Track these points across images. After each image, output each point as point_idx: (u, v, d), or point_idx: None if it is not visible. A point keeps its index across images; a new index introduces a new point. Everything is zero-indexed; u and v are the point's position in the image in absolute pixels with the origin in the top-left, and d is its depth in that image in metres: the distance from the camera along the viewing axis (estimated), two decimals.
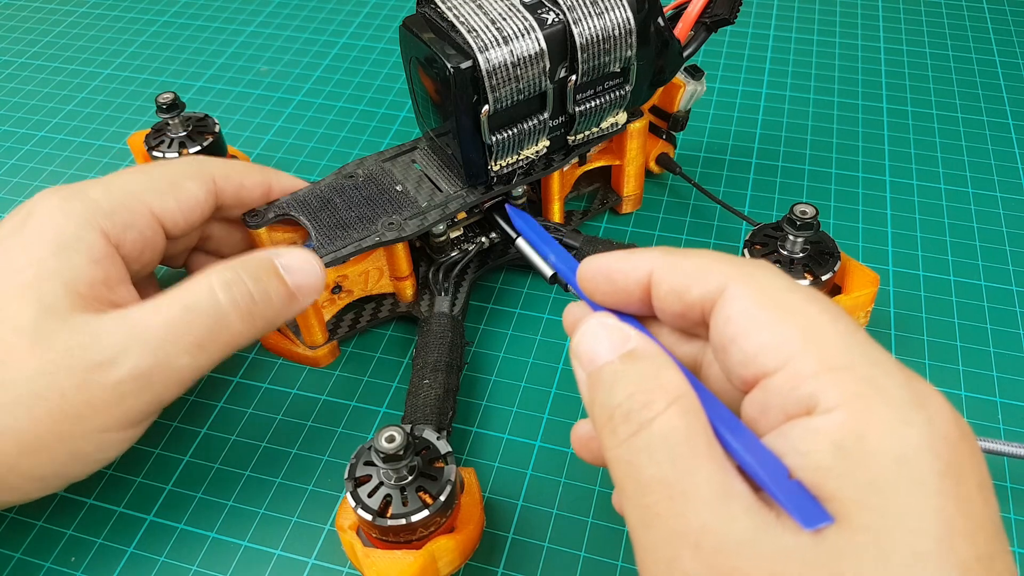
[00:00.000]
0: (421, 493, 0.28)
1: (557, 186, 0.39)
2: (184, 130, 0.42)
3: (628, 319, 0.23)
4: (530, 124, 0.35)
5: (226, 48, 0.58)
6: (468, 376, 0.37)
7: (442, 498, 0.28)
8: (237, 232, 0.37)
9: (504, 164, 0.36)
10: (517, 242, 0.35)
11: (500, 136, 0.34)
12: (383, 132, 0.51)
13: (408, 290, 0.38)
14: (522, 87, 0.33)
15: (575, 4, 0.33)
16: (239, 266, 0.29)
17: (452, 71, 0.31)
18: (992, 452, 0.31)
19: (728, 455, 0.19)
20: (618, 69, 0.35)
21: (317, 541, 0.32)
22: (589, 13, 0.33)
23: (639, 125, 0.39)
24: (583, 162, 0.41)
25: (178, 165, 0.33)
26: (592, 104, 0.35)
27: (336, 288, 0.38)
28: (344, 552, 0.31)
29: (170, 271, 0.42)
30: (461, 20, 0.32)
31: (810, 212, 0.34)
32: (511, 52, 0.32)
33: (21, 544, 0.32)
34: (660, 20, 0.35)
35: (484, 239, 0.39)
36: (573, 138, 0.37)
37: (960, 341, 0.37)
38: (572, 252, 0.39)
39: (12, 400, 0.26)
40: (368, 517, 0.27)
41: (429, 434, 0.30)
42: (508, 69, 0.32)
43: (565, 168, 0.39)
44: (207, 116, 0.43)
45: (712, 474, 0.18)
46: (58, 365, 0.26)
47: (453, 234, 0.38)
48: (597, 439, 0.22)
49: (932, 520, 0.17)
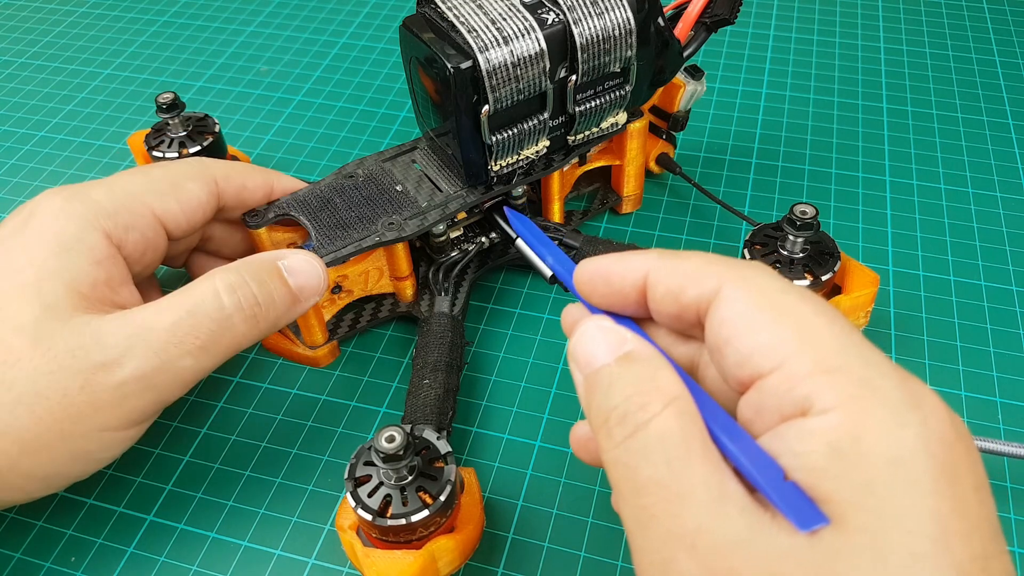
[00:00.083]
0: (421, 493, 0.28)
1: (557, 186, 0.39)
2: (184, 130, 0.42)
3: (625, 321, 0.23)
4: (530, 124, 0.35)
5: (226, 48, 0.58)
6: (468, 376, 0.37)
7: (442, 498, 0.28)
8: (238, 233, 0.37)
9: (504, 164, 0.36)
10: (517, 242, 0.35)
11: (500, 136, 0.34)
12: (383, 132, 0.51)
13: (408, 290, 0.38)
14: (522, 87, 0.33)
15: (575, 4, 0.33)
16: (243, 268, 0.29)
17: (452, 71, 0.31)
18: (992, 452, 0.31)
19: (724, 456, 0.19)
20: (618, 69, 0.35)
21: (317, 541, 0.32)
22: (589, 13, 0.33)
23: (639, 125, 0.39)
24: (583, 162, 0.41)
25: (180, 166, 0.33)
26: (592, 104, 0.35)
27: (336, 288, 0.38)
28: (344, 552, 0.31)
29: (170, 271, 0.42)
30: (461, 20, 0.32)
31: (810, 212, 0.34)
32: (511, 52, 0.32)
33: (21, 544, 0.32)
34: (660, 20, 0.35)
35: (484, 239, 0.39)
36: (573, 138, 0.37)
37: (960, 341, 0.37)
38: (572, 252, 0.39)
39: (13, 399, 0.26)
40: (368, 517, 0.27)
41: (429, 434, 0.30)
42: (508, 69, 0.32)
43: (565, 168, 0.39)
44: (207, 116, 0.43)
45: (708, 476, 0.18)
46: (60, 365, 0.26)
47: (453, 234, 0.38)
48: (595, 440, 0.22)
49: (928, 521, 0.17)
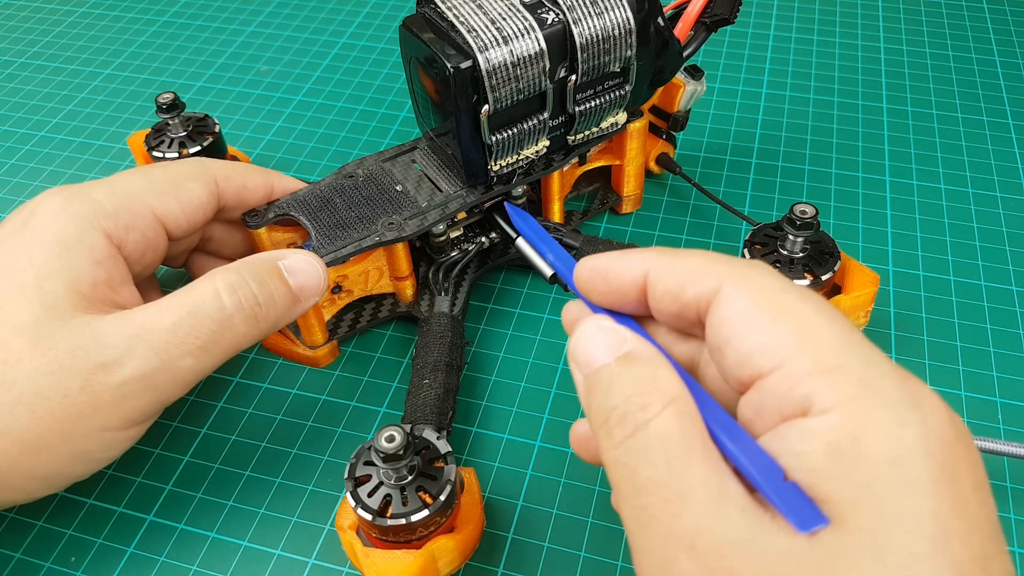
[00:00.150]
0: (421, 493, 0.28)
1: (557, 186, 0.39)
2: (184, 130, 0.42)
3: (625, 319, 0.23)
4: (530, 124, 0.35)
5: (226, 48, 0.58)
6: (468, 376, 0.37)
7: (442, 498, 0.28)
8: (238, 233, 0.37)
9: (504, 164, 0.36)
10: (517, 242, 0.35)
11: (500, 136, 0.34)
12: (383, 132, 0.51)
13: (408, 290, 0.38)
14: (522, 87, 0.33)
15: (575, 4, 0.33)
16: (243, 269, 0.29)
17: (452, 71, 0.31)
18: (992, 452, 0.31)
19: (724, 456, 0.19)
20: (618, 69, 0.35)
21: (317, 541, 0.32)
22: (589, 13, 0.33)
23: (639, 125, 0.39)
24: (583, 162, 0.41)
25: (180, 166, 0.33)
26: (592, 104, 0.35)
27: (336, 288, 0.38)
28: (344, 552, 0.31)
29: (170, 271, 0.42)
30: (461, 20, 0.32)
31: (810, 212, 0.34)
32: (511, 52, 0.32)
33: (21, 544, 0.32)
34: (660, 20, 0.35)
35: (484, 239, 0.39)
36: (573, 138, 0.37)
37: (960, 341, 0.37)
38: (572, 252, 0.39)
39: (14, 399, 0.26)
40: (368, 517, 0.27)
41: (429, 434, 0.30)
42: (508, 69, 0.32)
43: (565, 168, 0.39)
44: (207, 116, 0.43)
45: (707, 476, 0.18)
46: (60, 365, 0.26)
47: (453, 234, 0.38)
48: (595, 439, 0.22)
49: (927, 521, 0.17)
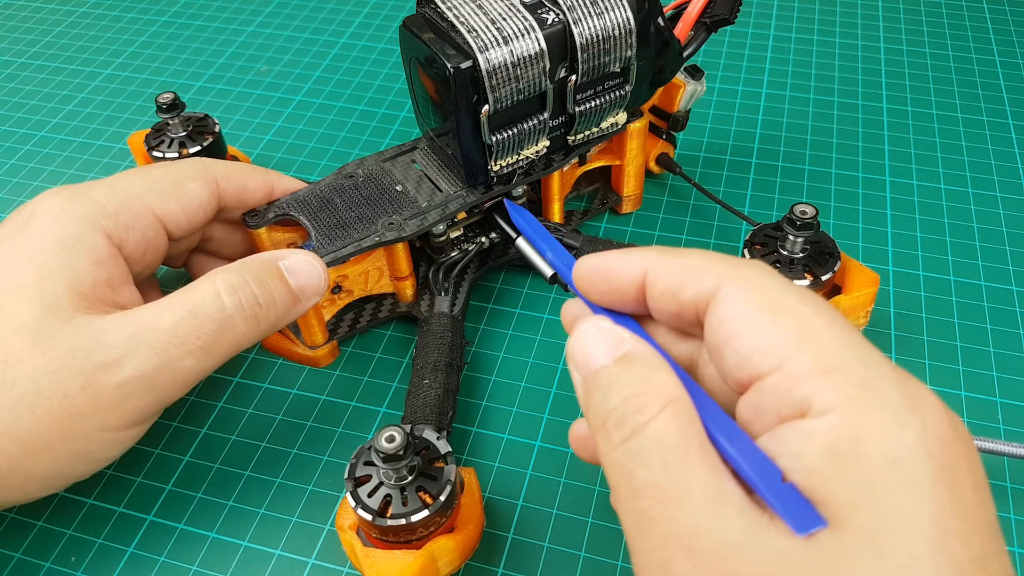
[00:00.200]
0: (421, 493, 0.28)
1: (557, 186, 0.39)
2: (184, 130, 0.42)
3: (624, 319, 0.23)
4: (530, 124, 0.35)
5: (226, 48, 0.58)
6: (468, 376, 0.37)
7: (442, 498, 0.28)
8: (238, 233, 0.37)
9: (504, 164, 0.36)
10: (517, 242, 0.35)
11: (500, 136, 0.34)
12: (383, 132, 0.51)
13: (408, 290, 0.38)
14: (522, 87, 0.33)
15: (575, 4, 0.33)
16: (243, 269, 0.29)
17: (452, 71, 0.31)
18: (992, 452, 0.31)
19: (723, 458, 0.19)
20: (618, 69, 0.35)
21: (317, 541, 0.32)
22: (589, 13, 0.33)
23: (639, 125, 0.39)
24: (583, 162, 0.41)
25: (181, 167, 0.33)
26: (592, 104, 0.35)
27: (336, 288, 0.38)
28: (344, 552, 0.31)
29: (170, 271, 0.42)
30: (461, 20, 0.32)
31: (810, 212, 0.34)
32: (511, 52, 0.32)
33: (21, 544, 0.32)
34: (660, 20, 0.35)
35: (484, 239, 0.39)
36: (573, 138, 0.37)
37: (960, 341, 0.37)
38: (572, 252, 0.39)
39: (14, 399, 0.26)
40: (368, 517, 0.27)
41: (429, 434, 0.30)
42: (508, 69, 0.32)
43: (565, 168, 0.39)
44: (207, 116, 0.43)
45: (705, 477, 0.18)
46: (61, 365, 0.26)
47: (453, 234, 0.38)
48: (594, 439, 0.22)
49: (926, 522, 0.17)
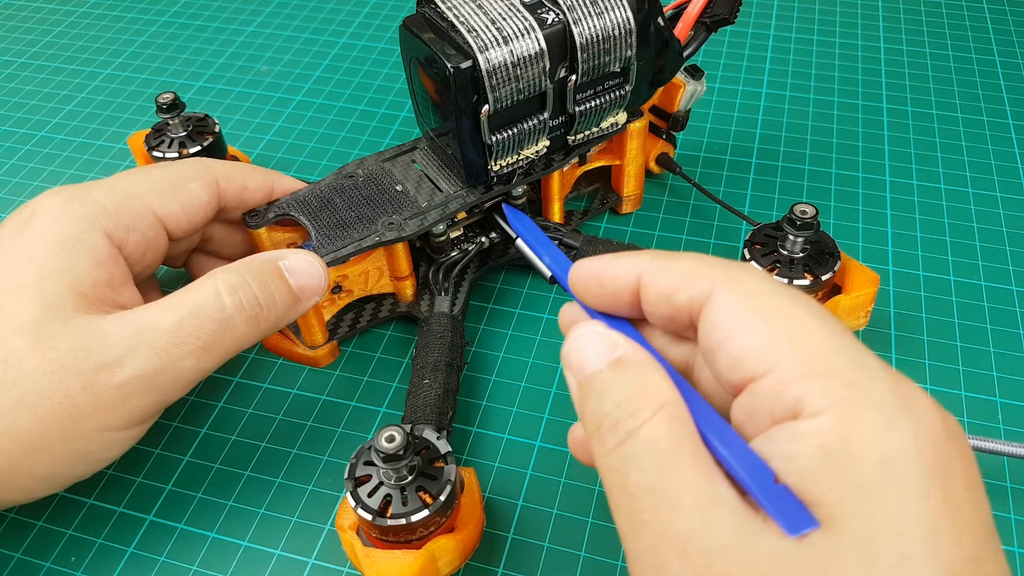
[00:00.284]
0: (421, 493, 0.28)
1: (557, 186, 0.39)
2: (184, 130, 0.42)
3: (620, 323, 0.23)
4: (530, 124, 0.35)
5: (226, 48, 0.58)
6: (468, 376, 0.37)
7: (442, 498, 0.28)
8: (238, 233, 0.37)
9: (504, 164, 0.36)
10: (517, 242, 0.35)
11: (500, 136, 0.34)
12: (383, 132, 0.51)
13: (408, 290, 0.38)
14: (522, 87, 0.33)
15: (575, 4, 0.33)
16: (244, 269, 0.29)
17: (452, 71, 0.31)
18: (992, 452, 0.31)
19: (716, 460, 0.19)
20: (618, 69, 0.35)
21: (317, 541, 0.32)
22: (589, 13, 0.33)
23: (639, 125, 0.39)
24: (583, 162, 0.41)
25: (181, 167, 0.33)
26: (592, 104, 0.35)
27: (336, 288, 0.38)
28: (344, 552, 0.31)
29: (171, 271, 0.42)
30: (461, 20, 0.32)
31: (810, 212, 0.34)
32: (511, 52, 0.32)
33: (21, 544, 0.32)
34: (660, 20, 0.35)
35: (484, 239, 0.39)
36: (573, 138, 0.37)
37: (960, 341, 0.37)
38: (572, 252, 0.39)
39: (15, 399, 0.26)
40: (368, 517, 0.27)
41: (429, 434, 0.30)
42: (508, 69, 0.32)
43: (565, 168, 0.39)
44: (207, 116, 0.43)
45: (698, 480, 0.18)
46: (61, 365, 0.26)
47: (453, 234, 0.38)
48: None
49: (917, 522, 0.17)
